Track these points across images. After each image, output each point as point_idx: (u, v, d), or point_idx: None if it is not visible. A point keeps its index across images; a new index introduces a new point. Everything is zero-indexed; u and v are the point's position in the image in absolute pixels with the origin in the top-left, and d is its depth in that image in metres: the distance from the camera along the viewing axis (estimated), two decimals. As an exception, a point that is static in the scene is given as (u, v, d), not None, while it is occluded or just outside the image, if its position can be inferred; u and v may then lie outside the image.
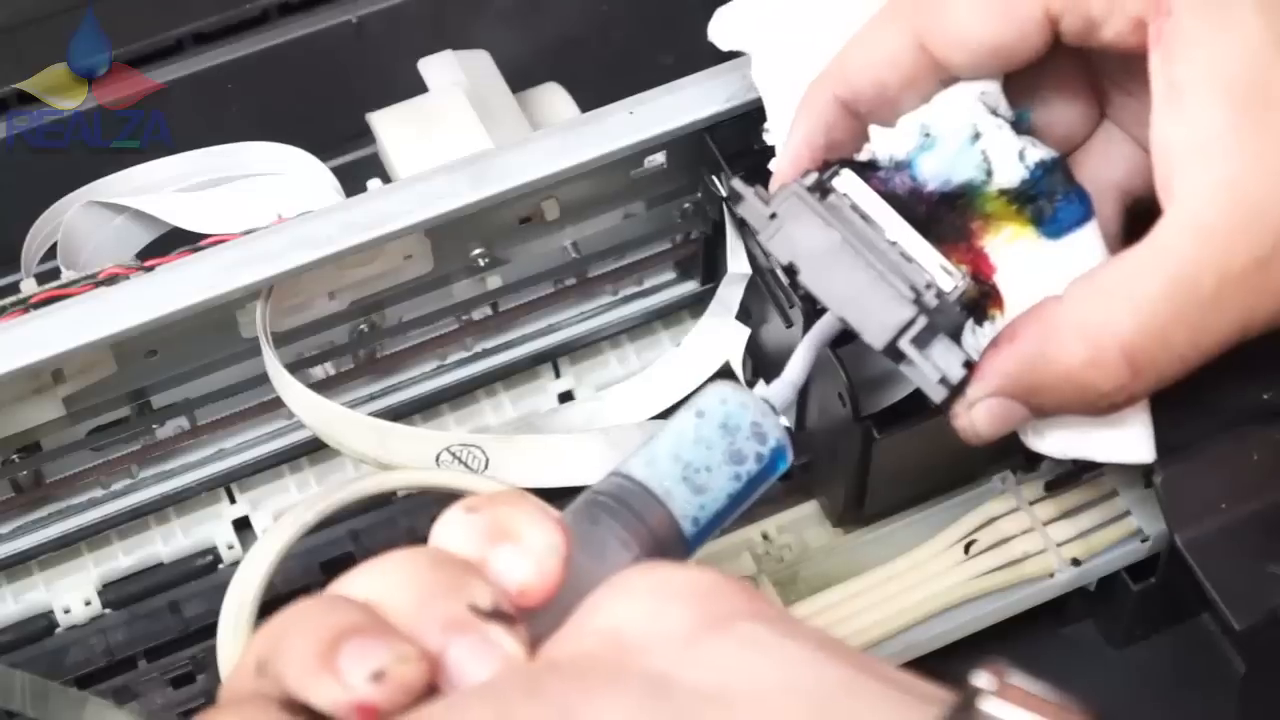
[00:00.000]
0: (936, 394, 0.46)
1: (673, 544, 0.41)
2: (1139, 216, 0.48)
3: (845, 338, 0.52)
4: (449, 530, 0.38)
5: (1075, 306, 0.45)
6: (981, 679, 0.33)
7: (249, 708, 0.35)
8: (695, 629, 0.35)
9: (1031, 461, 0.60)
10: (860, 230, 0.45)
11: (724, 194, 0.59)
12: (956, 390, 0.46)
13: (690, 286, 0.65)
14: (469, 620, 0.36)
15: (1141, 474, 0.55)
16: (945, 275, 0.45)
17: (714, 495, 0.42)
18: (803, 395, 0.57)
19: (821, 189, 0.46)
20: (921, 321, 0.44)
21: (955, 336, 0.46)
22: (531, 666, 0.35)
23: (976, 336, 0.47)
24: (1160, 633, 0.61)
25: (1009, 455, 0.59)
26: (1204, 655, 0.61)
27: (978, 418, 0.47)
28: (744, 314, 0.61)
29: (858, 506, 0.58)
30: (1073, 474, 0.57)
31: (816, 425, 0.58)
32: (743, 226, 0.58)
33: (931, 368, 0.45)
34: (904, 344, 0.45)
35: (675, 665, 0.34)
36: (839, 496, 0.58)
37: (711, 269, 0.63)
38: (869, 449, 0.54)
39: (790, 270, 0.46)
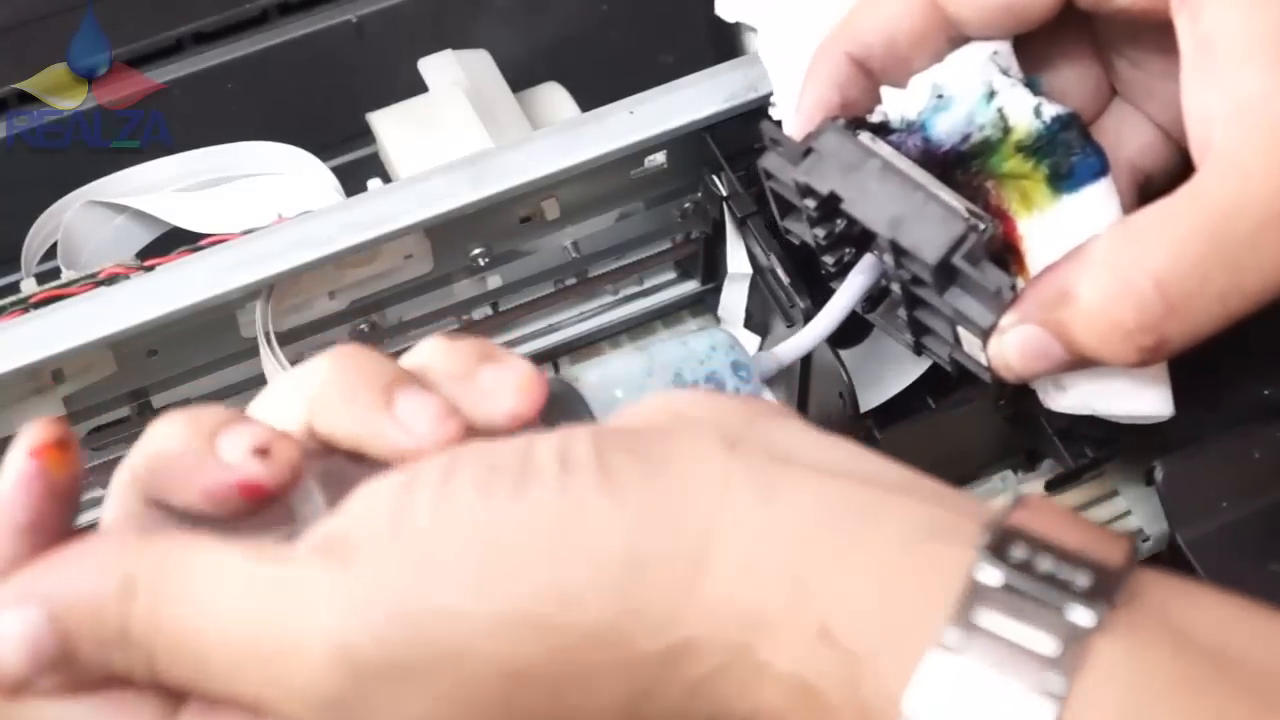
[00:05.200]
0: (985, 317, 0.45)
1: None
2: (1151, 198, 0.48)
3: (844, 339, 0.52)
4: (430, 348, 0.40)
5: (1110, 243, 0.44)
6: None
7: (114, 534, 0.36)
8: (746, 415, 0.37)
9: (1031, 461, 0.60)
10: (897, 164, 0.45)
11: (724, 194, 0.59)
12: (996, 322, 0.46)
13: (690, 286, 0.65)
14: (402, 379, 0.38)
15: (1142, 472, 0.55)
16: (975, 219, 0.45)
17: None
18: (802, 395, 0.57)
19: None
20: (974, 238, 0.44)
21: None
22: (619, 426, 0.37)
23: None
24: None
25: (1009, 455, 0.59)
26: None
27: (1009, 346, 0.46)
28: (745, 315, 0.60)
29: (858, 506, 0.58)
30: (1073, 473, 0.57)
31: (816, 425, 0.58)
32: (743, 226, 0.58)
33: (987, 280, 0.44)
34: (958, 259, 0.44)
35: (741, 433, 0.36)
36: (839, 496, 0.58)
37: (711, 269, 0.63)
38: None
39: (831, 200, 0.46)
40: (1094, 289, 0.44)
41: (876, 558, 0.34)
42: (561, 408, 0.41)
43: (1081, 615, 0.32)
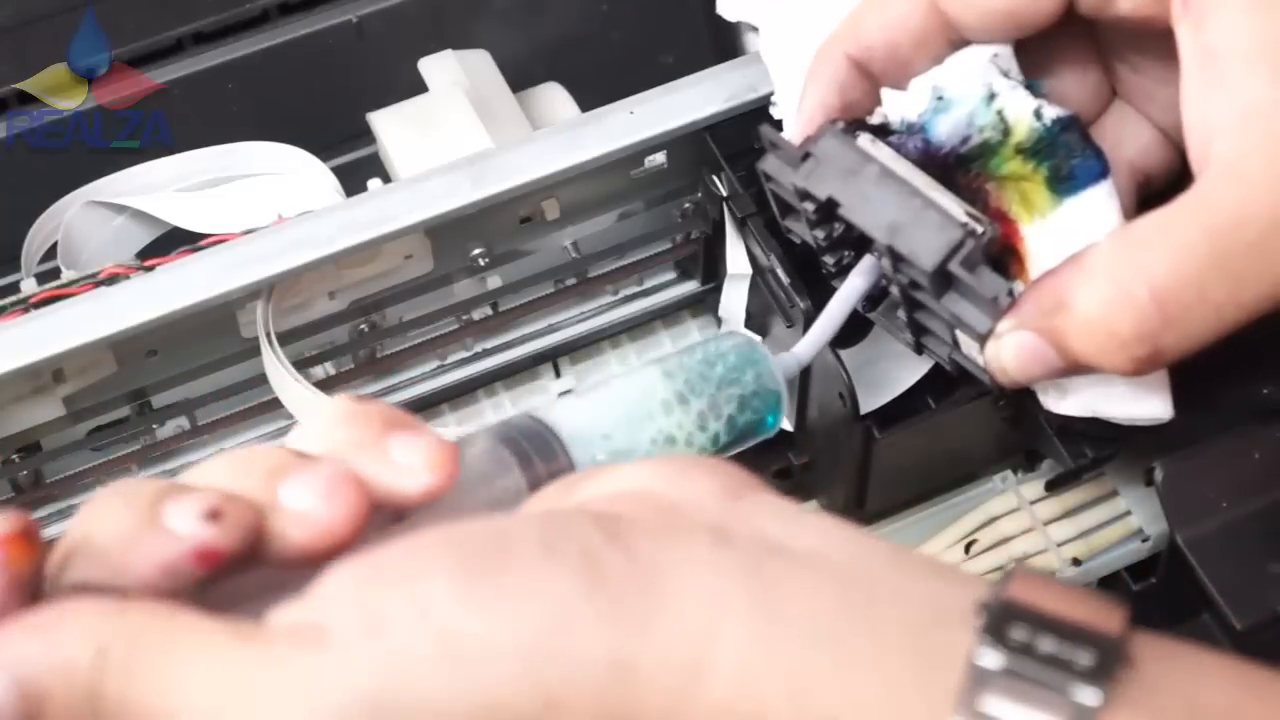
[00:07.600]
0: (982, 322, 0.45)
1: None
2: (1149, 200, 0.48)
3: (844, 339, 0.53)
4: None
5: (1109, 252, 0.44)
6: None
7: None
8: (723, 493, 0.36)
9: (1031, 461, 0.60)
10: (895, 168, 0.45)
11: (724, 194, 0.59)
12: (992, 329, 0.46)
13: (690, 286, 0.65)
14: (294, 461, 0.36)
15: (1142, 472, 0.55)
16: (974, 222, 0.45)
17: None
18: (802, 395, 0.57)
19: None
20: (970, 244, 0.44)
21: None
22: (602, 515, 0.35)
23: None
24: (1160, 633, 0.61)
25: (1009, 455, 0.59)
26: (1204, 655, 0.61)
27: (1005, 352, 0.46)
28: (745, 315, 0.60)
29: (858, 506, 0.58)
30: (1073, 473, 0.57)
31: (816, 425, 0.58)
32: (743, 226, 0.58)
33: (984, 287, 0.44)
34: (954, 266, 0.44)
35: (724, 521, 0.35)
36: (839, 496, 0.58)
37: (711, 269, 0.63)
38: (869, 448, 0.54)
39: (830, 205, 0.46)
40: (1091, 298, 0.44)
41: (878, 652, 0.33)
42: (539, 450, 0.40)
43: (1087, 695, 0.32)
